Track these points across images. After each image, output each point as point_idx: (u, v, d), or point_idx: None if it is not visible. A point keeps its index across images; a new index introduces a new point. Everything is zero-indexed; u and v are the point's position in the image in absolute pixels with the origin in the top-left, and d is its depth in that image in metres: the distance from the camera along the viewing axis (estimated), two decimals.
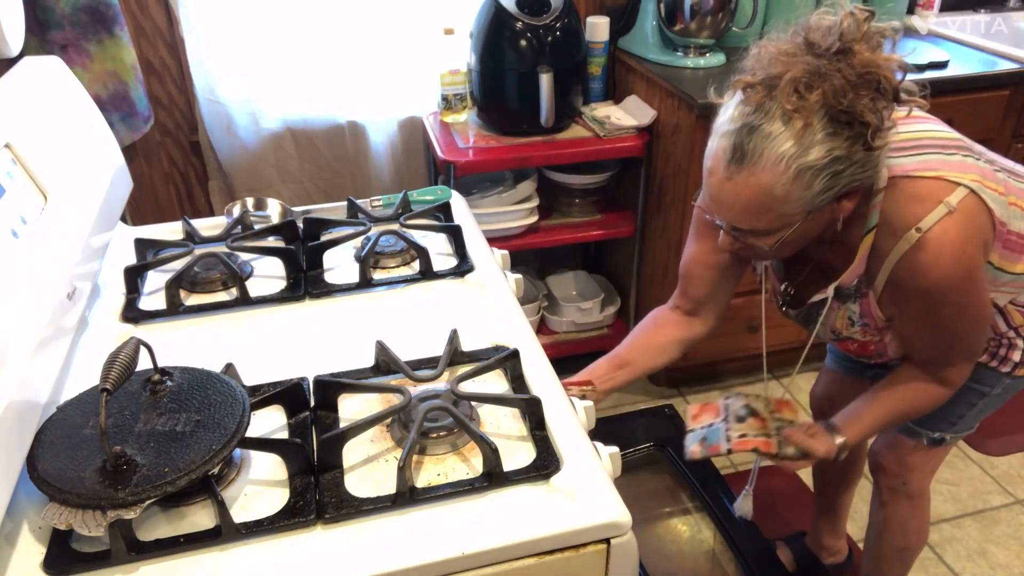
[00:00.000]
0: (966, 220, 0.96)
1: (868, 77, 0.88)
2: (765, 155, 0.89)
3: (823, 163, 0.89)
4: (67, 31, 1.59)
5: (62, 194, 0.98)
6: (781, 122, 0.88)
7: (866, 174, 0.93)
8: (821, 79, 0.87)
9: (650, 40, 2.03)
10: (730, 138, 0.91)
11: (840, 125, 0.88)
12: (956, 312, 1.02)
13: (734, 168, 0.91)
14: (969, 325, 1.06)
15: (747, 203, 0.93)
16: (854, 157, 0.90)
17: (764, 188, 0.90)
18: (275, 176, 2.10)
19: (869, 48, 0.89)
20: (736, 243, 1.02)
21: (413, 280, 1.14)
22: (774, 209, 0.92)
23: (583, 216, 2.17)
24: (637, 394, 2.30)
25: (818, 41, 0.90)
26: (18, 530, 0.75)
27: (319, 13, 1.93)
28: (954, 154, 1.00)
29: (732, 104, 0.94)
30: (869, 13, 0.91)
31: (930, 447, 1.28)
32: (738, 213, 0.95)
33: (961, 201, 0.96)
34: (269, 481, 0.80)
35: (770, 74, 0.90)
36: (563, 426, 0.86)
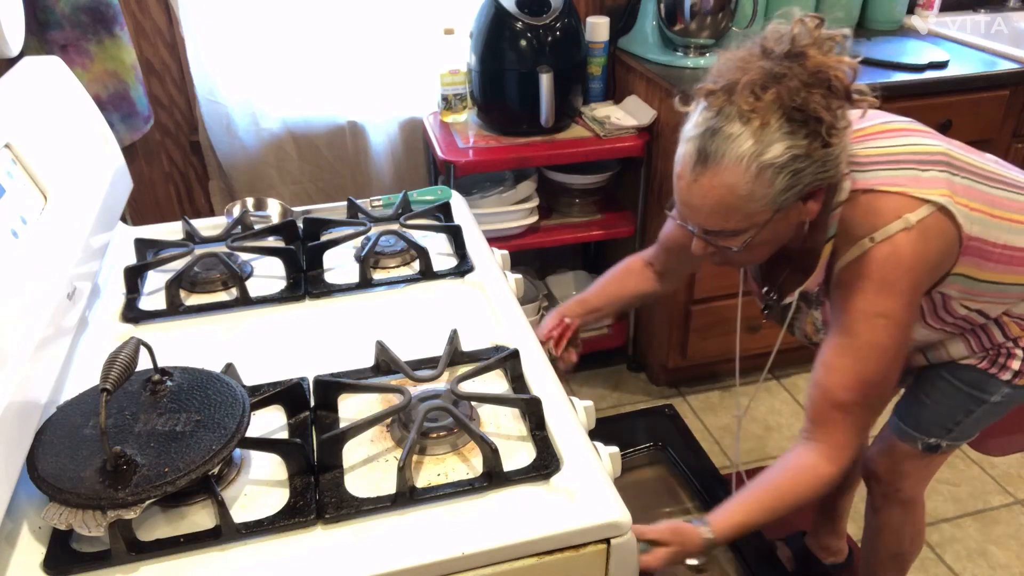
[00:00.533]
0: (921, 240, 0.98)
1: (820, 77, 0.92)
2: (727, 155, 0.93)
3: (783, 160, 0.92)
4: (67, 31, 1.59)
5: (62, 194, 0.98)
6: (740, 123, 0.92)
7: (828, 173, 0.96)
8: (775, 80, 0.92)
9: (650, 40, 2.03)
10: (695, 142, 0.96)
11: (796, 124, 0.92)
12: (877, 334, 1.00)
13: (699, 170, 0.95)
14: (881, 355, 1.01)
15: (714, 204, 0.96)
16: (813, 155, 0.93)
17: (728, 187, 0.94)
18: (275, 176, 2.10)
19: (820, 52, 0.94)
20: (709, 247, 1.05)
21: (413, 280, 1.14)
22: (740, 208, 0.96)
23: (583, 216, 2.17)
24: (637, 394, 2.30)
25: (772, 47, 0.95)
26: (18, 530, 0.75)
27: (319, 13, 1.93)
28: (929, 170, 1.01)
29: (696, 111, 0.99)
30: (819, 20, 0.96)
31: (925, 454, 1.27)
32: (707, 215, 0.99)
33: (922, 220, 0.98)
34: (269, 481, 0.80)
35: (729, 80, 0.95)
36: (563, 426, 0.86)
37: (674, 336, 2.13)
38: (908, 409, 1.27)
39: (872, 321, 1.00)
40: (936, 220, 0.99)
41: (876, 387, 1.02)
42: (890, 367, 1.02)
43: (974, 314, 1.12)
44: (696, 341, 2.13)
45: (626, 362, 2.40)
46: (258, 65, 1.95)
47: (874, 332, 1.00)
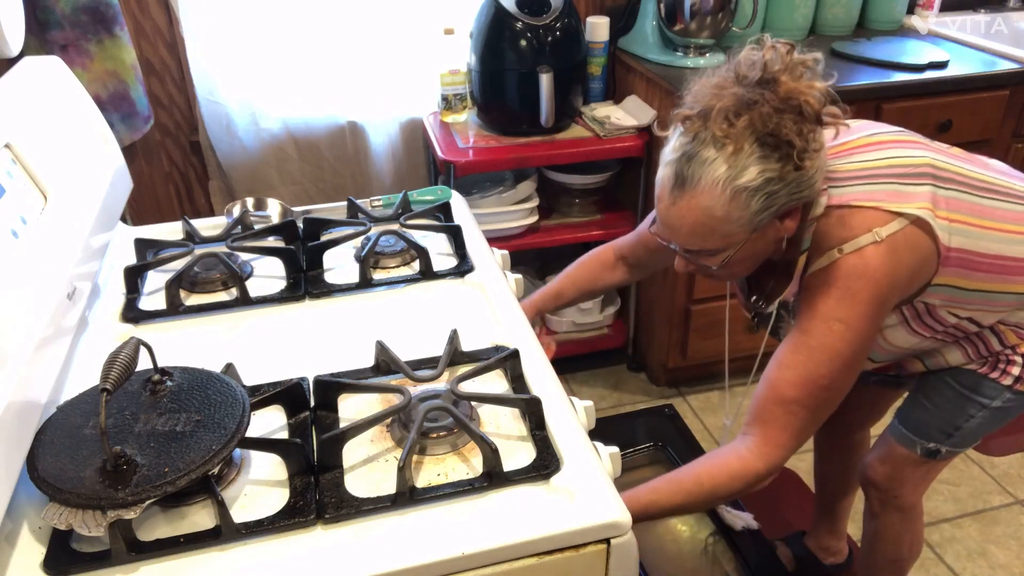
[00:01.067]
0: (890, 254, 0.99)
1: (791, 103, 0.95)
2: (703, 180, 0.96)
3: (756, 184, 0.95)
4: (67, 31, 1.59)
5: (62, 194, 0.98)
6: (714, 148, 0.95)
7: (802, 193, 0.98)
8: (748, 107, 0.95)
9: (650, 40, 2.03)
10: (672, 167, 1.00)
11: (769, 148, 0.94)
12: (832, 338, 1.01)
13: (677, 193, 0.99)
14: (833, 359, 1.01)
15: (692, 225, 0.99)
16: (787, 177, 0.96)
17: (705, 210, 0.97)
18: (275, 176, 2.10)
19: (792, 77, 0.96)
20: (690, 265, 1.08)
21: (413, 280, 1.14)
22: (717, 230, 0.99)
23: (583, 216, 2.17)
24: (637, 394, 2.30)
25: (745, 74, 0.98)
26: (18, 530, 0.75)
27: (319, 13, 1.93)
28: (911, 184, 1.02)
29: (674, 136, 1.02)
30: (790, 46, 0.99)
31: (924, 459, 1.26)
32: (685, 236, 1.02)
33: (893, 234, 0.99)
34: (269, 481, 0.80)
35: (704, 106, 0.98)
36: (563, 426, 0.86)
37: (674, 336, 2.13)
38: (909, 413, 1.27)
39: (829, 324, 1.01)
40: (908, 234, 1.00)
41: (822, 390, 1.02)
42: (840, 374, 1.02)
43: (965, 322, 1.11)
44: (696, 341, 2.13)
45: (626, 362, 2.40)
46: (258, 65, 1.95)
47: (829, 335, 1.01)
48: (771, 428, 1.03)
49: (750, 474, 1.02)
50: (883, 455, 1.31)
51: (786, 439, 1.03)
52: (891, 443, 1.29)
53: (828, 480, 1.67)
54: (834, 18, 2.22)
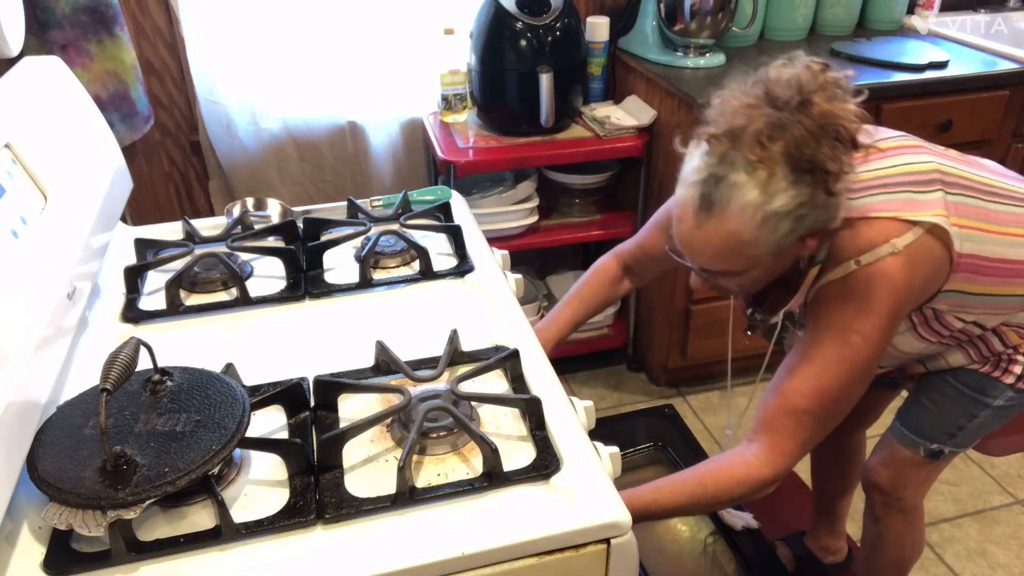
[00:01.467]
0: (908, 265, 0.98)
1: (827, 127, 0.92)
2: (732, 204, 0.93)
3: (787, 209, 0.92)
4: (67, 31, 1.59)
5: (62, 194, 0.98)
6: (746, 172, 0.91)
7: (829, 215, 0.97)
8: (782, 130, 0.91)
9: (650, 40, 2.03)
10: (698, 188, 0.95)
11: (802, 173, 0.91)
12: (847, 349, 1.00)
13: (703, 216, 0.95)
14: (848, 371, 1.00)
15: (717, 248, 0.97)
16: (816, 201, 0.93)
17: (732, 234, 0.94)
18: (275, 176, 2.10)
19: (826, 99, 0.93)
20: (707, 283, 1.06)
21: (413, 280, 1.14)
22: (743, 253, 0.96)
23: (583, 216, 2.17)
24: (637, 394, 2.30)
25: (778, 94, 0.94)
26: (18, 530, 0.75)
27: (319, 13, 1.93)
28: (924, 191, 1.02)
29: (697, 154, 0.97)
30: (824, 65, 0.96)
31: (927, 460, 1.26)
32: (709, 258, 0.99)
33: (909, 245, 0.98)
34: (269, 481, 0.80)
35: (733, 126, 0.93)
36: (563, 426, 0.86)
37: (674, 336, 2.13)
38: (910, 414, 1.27)
39: (846, 335, 0.99)
40: (924, 243, 0.99)
41: (833, 401, 1.01)
42: (852, 385, 1.01)
43: (971, 326, 1.11)
44: (696, 341, 2.13)
45: (626, 362, 2.40)
46: (258, 65, 1.95)
47: (846, 347, 0.99)
48: (779, 436, 1.01)
49: (754, 481, 1.01)
50: (886, 458, 1.31)
51: (793, 448, 1.01)
52: (893, 445, 1.29)
53: (827, 483, 1.67)
54: (834, 18, 2.22)
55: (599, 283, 1.36)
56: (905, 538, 1.39)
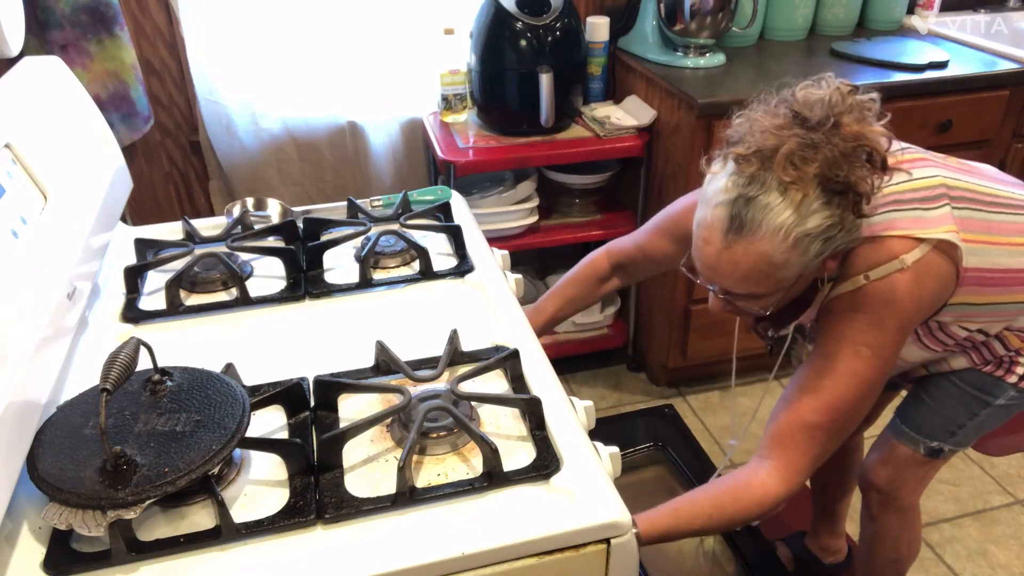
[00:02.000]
0: (916, 281, 0.98)
1: (859, 148, 0.92)
2: (764, 225, 0.92)
3: (819, 230, 0.92)
4: (67, 31, 1.59)
5: (62, 194, 0.98)
6: (778, 193, 0.91)
7: (854, 236, 0.97)
8: (815, 151, 0.91)
9: (650, 40, 2.03)
10: (727, 208, 0.94)
11: (833, 195, 0.91)
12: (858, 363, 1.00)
13: (732, 238, 0.94)
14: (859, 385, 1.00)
15: (747, 271, 0.96)
16: (846, 223, 0.94)
17: (763, 256, 0.93)
18: (275, 176, 2.10)
19: (855, 120, 0.93)
20: (728, 306, 1.05)
21: (413, 280, 1.14)
22: (771, 276, 0.96)
23: (583, 216, 2.17)
24: (637, 394, 2.30)
25: (808, 115, 0.93)
26: (18, 530, 0.75)
27: (319, 13, 1.93)
28: (930, 207, 1.02)
29: (724, 175, 0.96)
30: (852, 87, 0.96)
31: (926, 458, 1.26)
32: (736, 280, 0.98)
33: (917, 261, 0.98)
34: (269, 481, 0.80)
35: (763, 146, 0.92)
36: (563, 426, 0.86)
37: (674, 336, 2.13)
38: (910, 411, 1.27)
39: (856, 349, 0.99)
40: (931, 259, 0.99)
41: (845, 415, 1.01)
42: (863, 399, 1.01)
43: (975, 334, 1.12)
44: (696, 341, 2.13)
45: (626, 362, 2.40)
46: (258, 65, 1.95)
47: (856, 360, 0.99)
48: (792, 453, 1.01)
49: (771, 500, 1.00)
50: (884, 456, 1.31)
51: (806, 464, 1.01)
52: (892, 443, 1.29)
53: (826, 485, 1.67)
54: (834, 18, 2.22)
55: (586, 280, 1.36)
56: (902, 537, 1.39)
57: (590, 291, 1.36)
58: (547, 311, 1.35)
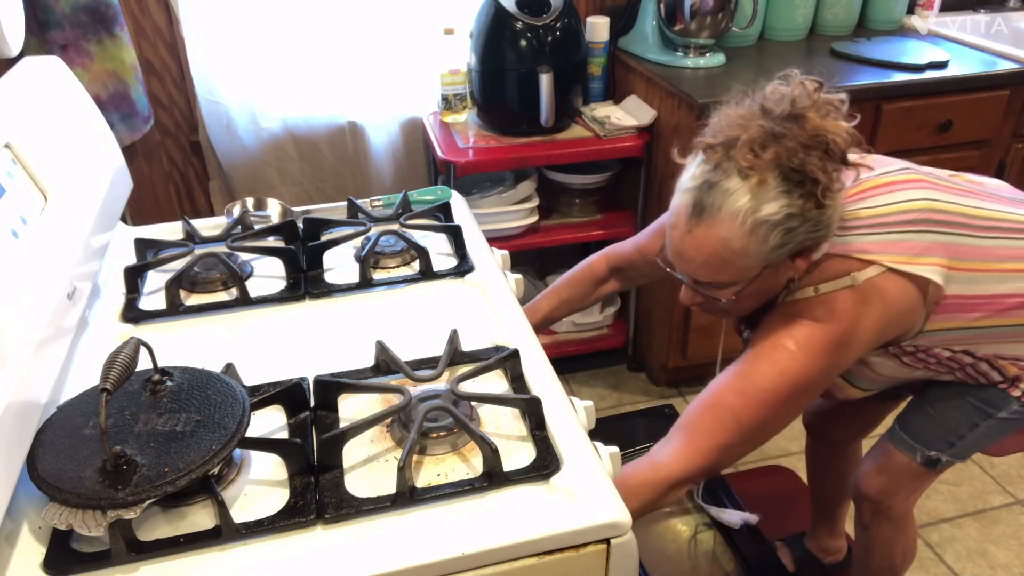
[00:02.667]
0: (862, 301, 0.99)
1: (818, 140, 0.94)
2: (723, 209, 0.95)
3: (777, 218, 0.94)
4: (67, 31, 1.59)
5: (62, 194, 0.98)
6: (738, 178, 0.94)
7: (819, 233, 0.98)
8: (775, 140, 0.94)
9: (650, 40, 2.03)
10: (691, 194, 0.97)
11: (793, 184, 0.93)
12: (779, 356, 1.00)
13: (694, 222, 0.97)
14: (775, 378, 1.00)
15: (707, 256, 0.98)
16: (807, 215, 0.95)
17: (722, 241, 0.96)
18: (275, 176, 2.10)
19: (819, 115, 0.95)
20: (697, 296, 1.07)
21: (413, 280, 1.14)
22: (732, 262, 0.98)
23: (583, 216, 2.17)
24: (637, 394, 2.30)
25: (772, 108, 0.97)
26: (18, 530, 0.75)
27: (319, 13, 1.93)
28: (907, 231, 1.02)
29: (693, 164, 1.00)
30: (819, 83, 0.98)
31: (923, 468, 1.25)
32: (699, 266, 1.00)
33: (869, 280, 0.99)
34: (269, 481, 0.80)
35: (728, 136, 0.96)
36: (563, 426, 0.86)
37: (674, 336, 2.13)
38: (911, 419, 1.25)
39: (781, 340, 1.01)
40: (887, 283, 1.00)
41: (759, 406, 1.00)
42: (782, 398, 1.00)
43: (959, 355, 1.11)
44: (696, 341, 2.13)
45: (626, 362, 2.40)
46: (258, 65, 1.95)
47: (780, 353, 1.00)
48: (695, 433, 1.01)
49: (661, 480, 0.98)
50: (880, 465, 1.30)
51: (708, 448, 0.99)
52: (889, 450, 1.28)
53: (825, 490, 1.66)
54: (834, 18, 2.22)
55: (582, 282, 1.37)
56: (895, 546, 1.38)
57: (586, 293, 1.37)
58: (541, 310, 1.36)
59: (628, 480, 0.99)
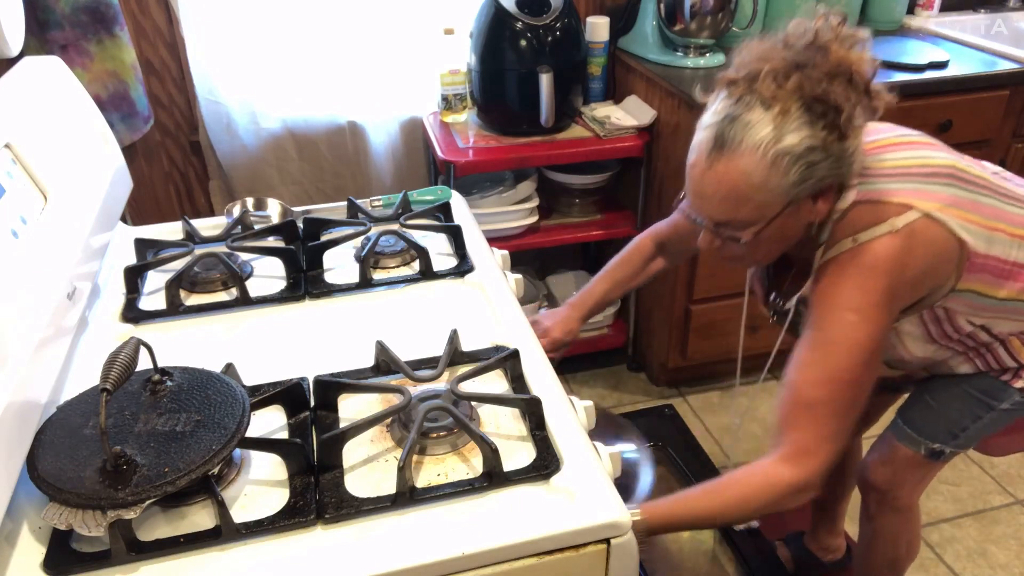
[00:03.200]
0: (904, 245, 0.98)
1: (841, 69, 0.94)
2: (744, 142, 0.93)
3: (799, 151, 0.93)
4: (67, 31, 1.59)
5: (62, 194, 0.98)
6: (760, 110, 0.93)
7: (840, 171, 0.96)
8: (798, 69, 0.93)
9: (650, 40, 2.03)
10: (712, 129, 0.96)
11: (815, 115, 0.93)
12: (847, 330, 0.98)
13: (715, 156, 0.95)
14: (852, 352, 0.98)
15: (727, 191, 0.96)
16: (829, 148, 0.94)
17: (743, 174, 0.94)
18: (275, 176, 2.10)
19: (842, 48, 0.95)
20: (716, 241, 1.04)
21: (413, 280, 1.14)
22: (752, 198, 0.95)
23: (583, 216, 2.17)
24: (637, 394, 2.30)
25: (795, 40, 0.97)
26: (18, 530, 0.75)
27: (319, 13, 1.93)
28: (934, 183, 1.02)
29: (716, 101, 0.99)
30: (842, 17, 0.98)
31: (927, 460, 1.25)
32: (719, 203, 0.98)
33: (909, 224, 0.98)
34: (269, 481, 0.80)
35: (751, 69, 0.95)
36: (563, 426, 0.86)
37: (674, 336, 2.13)
38: (913, 412, 1.26)
39: (843, 315, 0.98)
40: (924, 226, 0.98)
41: (845, 386, 0.99)
42: (861, 368, 0.99)
43: (979, 331, 1.11)
44: (696, 341, 2.13)
45: (626, 362, 2.40)
46: (258, 65, 1.95)
47: (844, 327, 0.98)
48: (797, 434, 0.98)
49: (782, 485, 0.97)
50: (884, 456, 1.31)
51: (815, 444, 0.98)
52: (893, 443, 1.28)
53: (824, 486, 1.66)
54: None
55: (631, 261, 1.38)
56: (900, 538, 1.39)
57: (636, 271, 1.38)
58: (596, 292, 1.36)
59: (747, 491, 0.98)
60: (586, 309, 1.35)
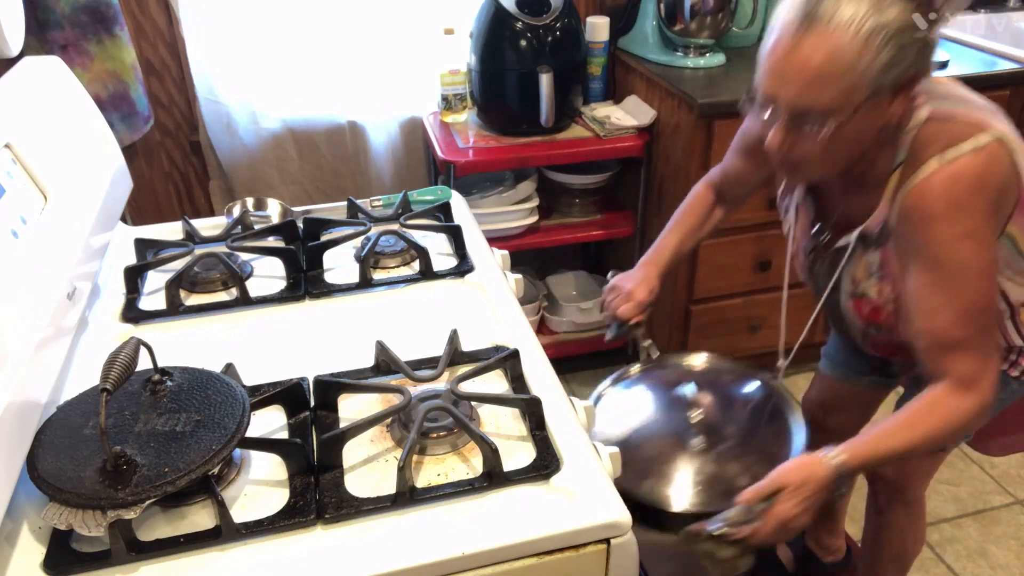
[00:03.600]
0: (990, 162, 0.95)
1: None
2: (837, 15, 0.89)
3: (895, 27, 0.89)
4: (67, 31, 1.59)
5: (62, 194, 0.98)
6: None
7: (923, 64, 0.94)
8: None
9: (650, 40, 2.03)
10: (800, 8, 0.91)
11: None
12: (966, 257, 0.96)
13: (802, 33, 0.90)
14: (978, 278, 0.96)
15: (814, 71, 0.91)
16: (916, 33, 0.90)
17: (833, 51, 0.89)
18: (275, 176, 2.10)
19: None
20: (788, 138, 0.98)
21: (413, 280, 1.14)
22: (839, 80, 0.91)
23: (583, 216, 2.17)
24: None
25: None
26: (18, 530, 0.75)
27: (319, 13, 1.93)
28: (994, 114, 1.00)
29: None
30: None
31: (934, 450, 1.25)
32: (803, 85, 0.93)
33: (990, 143, 0.95)
34: (269, 481, 0.80)
35: None
36: (563, 426, 0.86)
37: (674, 336, 2.13)
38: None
39: (956, 245, 0.95)
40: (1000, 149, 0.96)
41: (984, 312, 0.97)
42: (990, 287, 0.98)
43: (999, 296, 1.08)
44: (696, 341, 2.13)
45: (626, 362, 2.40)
46: (258, 65, 1.95)
47: (963, 256, 0.95)
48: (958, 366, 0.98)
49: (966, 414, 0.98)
50: None
51: (980, 368, 0.98)
52: None
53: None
54: None
55: (696, 210, 1.35)
56: (907, 531, 1.39)
57: (703, 219, 1.35)
58: (671, 245, 1.32)
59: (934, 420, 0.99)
60: (663, 264, 1.31)
